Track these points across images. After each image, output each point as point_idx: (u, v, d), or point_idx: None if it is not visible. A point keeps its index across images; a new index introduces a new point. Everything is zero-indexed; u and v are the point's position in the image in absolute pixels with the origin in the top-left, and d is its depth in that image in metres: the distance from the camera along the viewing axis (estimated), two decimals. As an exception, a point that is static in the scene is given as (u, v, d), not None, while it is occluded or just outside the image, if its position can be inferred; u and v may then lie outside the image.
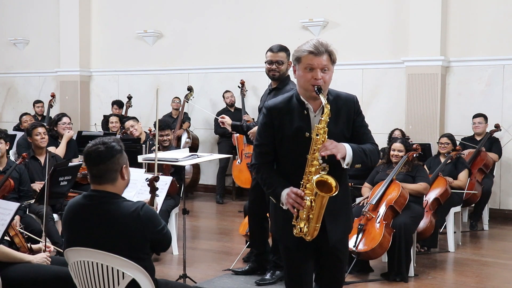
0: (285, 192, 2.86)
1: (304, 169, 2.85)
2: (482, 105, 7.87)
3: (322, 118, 2.81)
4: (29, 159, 5.84)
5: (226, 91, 9.13)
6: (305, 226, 2.84)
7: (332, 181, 2.79)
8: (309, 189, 2.82)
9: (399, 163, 5.52)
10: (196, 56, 9.85)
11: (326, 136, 2.81)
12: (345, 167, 2.85)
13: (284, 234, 3.01)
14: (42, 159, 5.97)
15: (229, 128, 5.10)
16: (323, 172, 2.82)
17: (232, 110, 8.99)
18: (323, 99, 2.81)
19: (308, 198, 2.81)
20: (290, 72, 3.06)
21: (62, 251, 3.30)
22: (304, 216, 2.83)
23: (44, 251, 3.82)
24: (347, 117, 2.96)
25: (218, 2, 9.67)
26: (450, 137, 6.83)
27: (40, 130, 5.97)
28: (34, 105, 10.20)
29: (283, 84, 4.84)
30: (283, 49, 4.84)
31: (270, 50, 4.84)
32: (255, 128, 4.89)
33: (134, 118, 7.64)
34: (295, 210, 2.84)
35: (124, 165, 3.01)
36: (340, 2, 8.77)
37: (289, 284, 3.16)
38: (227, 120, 5.09)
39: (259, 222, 5.04)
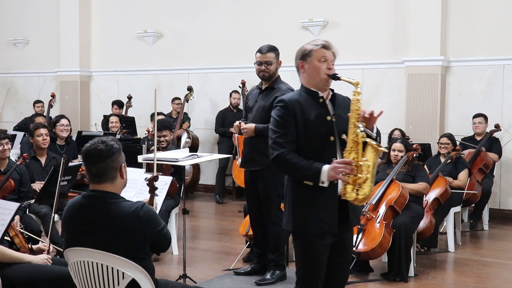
0: (326, 167, 2.94)
1: (327, 155, 3.01)
2: (482, 105, 7.86)
3: (359, 90, 3.01)
4: (29, 159, 5.85)
5: (234, 91, 9.11)
6: (361, 189, 2.95)
7: (375, 144, 2.96)
8: (354, 156, 2.96)
9: (399, 163, 5.52)
10: (196, 56, 9.85)
11: (361, 106, 3.00)
12: (374, 136, 3.03)
13: (309, 222, 3.05)
14: (43, 159, 5.98)
15: (253, 134, 4.87)
16: (367, 139, 2.97)
17: (235, 111, 9.02)
18: (347, 79, 3.03)
19: (364, 159, 2.95)
20: (289, 72, 3.10)
21: (62, 250, 3.30)
22: (360, 179, 2.94)
23: (48, 252, 3.82)
24: (348, 110, 3.07)
25: (218, 2, 9.67)
26: (450, 137, 6.81)
27: (42, 131, 5.98)
28: (34, 105, 10.20)
29: (276, 83, 4.85)
30: (272, 49, 4.86)
31: (259, 51, 4.86)
32: (251, 125, 4.86)
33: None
34: (346, 177, 2.93)
35: (123, 164, 3.02)
36: (340, 2, 8.77)
37: (305, 277, 3.12)
38: (249, 126, 4.86)
39: (261, 221, 5.04)
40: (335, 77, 3.07)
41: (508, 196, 7.91)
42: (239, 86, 9.08)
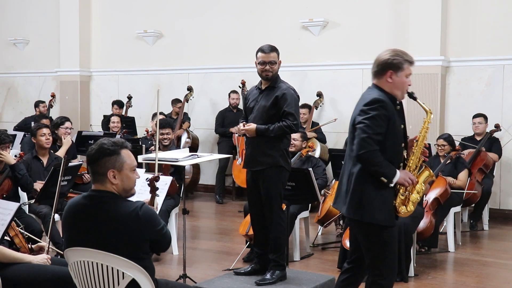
0: (400, 171, 3.38)
1: (398, 159, 3.43)
2: (482, 105, 7.86)
3: (430, 120, 3.58)
4: (31, 159, 5.85)
5: (233, 92, 9.10)
6: (408, 205, 3.46)
7: (431, 172, 3.56)
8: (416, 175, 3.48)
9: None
10: (196, 56, 9.85)
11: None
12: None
13: (394, 216, 3.47)
14: (45, 160, 5.97)
15: (254, 134, 4.75)
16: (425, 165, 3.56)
17: (235, 111, 9.01)
18: (423, 104, 3.55)
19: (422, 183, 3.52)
20: (289, 72, 3.12)
21: (62, 252, 3.30)
22: (416, 198, 3.48)
23: (47, 252, 3.82)
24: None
25: (219, 2, 9.67)
26: (447, 138, 6.62)
27: (45, 131, 5.98)
28: (38, 105, 10.10)
29: (276, 83, 4.83)
30: (274, 49, 4.84)
31: (262, 51, 4.80)
32: (252, 126, 4.81)
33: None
34: (407, 187, 3.43)
35: (112, 169, 2.96)
36: (340, 2, 8.77)
37: (391, 269, 3.49)
38: (250, 128, 4.74)
39: (262, 222, 5.03)
40: (412, 96, 3.48)
41: (508, 196, 7.92)
42: (239, 86, 9.08)
